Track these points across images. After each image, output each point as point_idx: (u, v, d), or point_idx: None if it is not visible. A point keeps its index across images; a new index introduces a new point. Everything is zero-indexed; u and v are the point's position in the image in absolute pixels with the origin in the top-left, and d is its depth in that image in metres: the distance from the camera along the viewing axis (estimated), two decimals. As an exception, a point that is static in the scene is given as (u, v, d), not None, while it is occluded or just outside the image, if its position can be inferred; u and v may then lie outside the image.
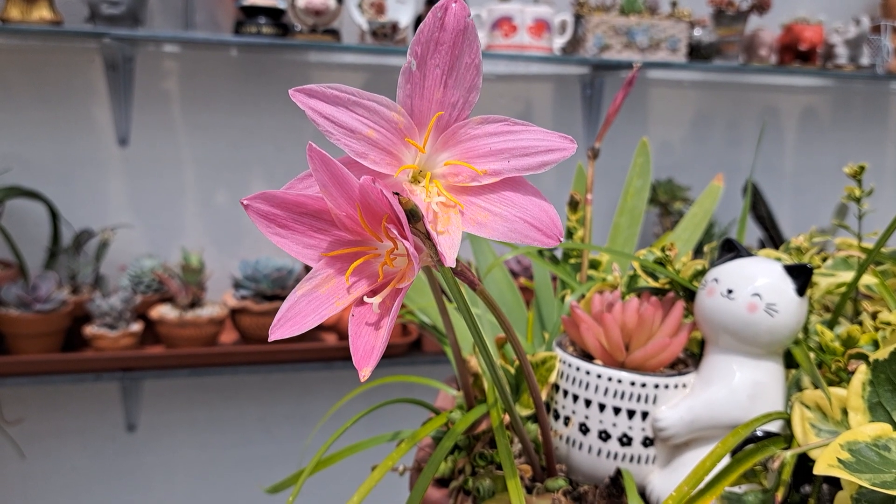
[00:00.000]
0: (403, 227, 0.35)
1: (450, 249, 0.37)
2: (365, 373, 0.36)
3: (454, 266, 0.37)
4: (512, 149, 0.39)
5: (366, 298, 0.38)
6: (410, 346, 1.49)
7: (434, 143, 0.40)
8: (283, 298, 1.40)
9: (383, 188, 0.35)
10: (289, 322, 0.38)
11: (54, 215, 1.41)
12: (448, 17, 0.37)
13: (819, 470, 0.41)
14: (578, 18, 1.53)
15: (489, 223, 0.39)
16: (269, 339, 0.38)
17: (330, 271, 0.39)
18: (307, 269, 1.69)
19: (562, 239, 0.38)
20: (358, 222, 0.38)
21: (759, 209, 1.67)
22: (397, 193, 0.36)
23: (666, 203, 1.65)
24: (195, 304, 1.39)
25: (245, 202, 0.38)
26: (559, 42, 1.53)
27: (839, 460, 0.42)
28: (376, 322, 0.37)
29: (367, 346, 0.37)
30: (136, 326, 1.35)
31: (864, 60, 1.67)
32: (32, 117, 1.44)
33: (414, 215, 0.36)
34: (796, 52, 1.64)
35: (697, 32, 1.60)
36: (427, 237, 0.37)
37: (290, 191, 0.39)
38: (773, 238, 1.66)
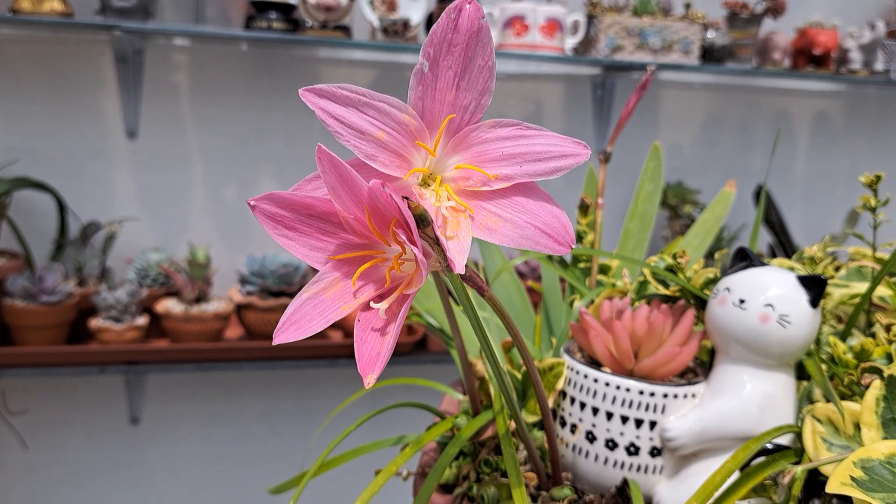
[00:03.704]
0: (412, 232, 0.34)
1: (459, 255, 0.36)
2: (370, 380, 0.35)
3: (463, 273, 0.36)
4: (524, 153, 0.38)
5: (372, 304, 0.37)
6: (415, 345, 1.48)
7: (445, 147, 0.39)
8: (288, 295, 1.39)
9: (392, 192, 0.34)
10: (293, 326, 0.37)
11: (62, 207, 1.41)
12: (462, 18, 0.36)
13: (832, 488, 0.40)
14: (591, 19, 1.51)
15: (499, 229, 0.38)
16: (274, 343, 0.37)
17: (336, 275, 0.38)
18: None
19: (573, 246, 0.38)
20: (366, 226, 0.37)
21: (770, 214, 1.65)
22: (406, 198, 0.35)
23: (675, 206, 1.64)
24: (201, 298, 1.38)
25: (252, 203, 0.37)
26: (571, 42, 1.51)
27: (852, 478, 0.41)
28: (382, 328, 0.37)
29: (372, 353, 0.36)
30: (142, 320, 1.35)
31: (879, 66, 1.65)
32: (41, 109, 1.44)
33: (423, 220, 0.35)
34: (810, 57, 1.62)
35: (711, 35, 1.58)
36: (436, 242, 0.36)
37: (297, 192, 0.38)
38: (784, 244, 1.65)
